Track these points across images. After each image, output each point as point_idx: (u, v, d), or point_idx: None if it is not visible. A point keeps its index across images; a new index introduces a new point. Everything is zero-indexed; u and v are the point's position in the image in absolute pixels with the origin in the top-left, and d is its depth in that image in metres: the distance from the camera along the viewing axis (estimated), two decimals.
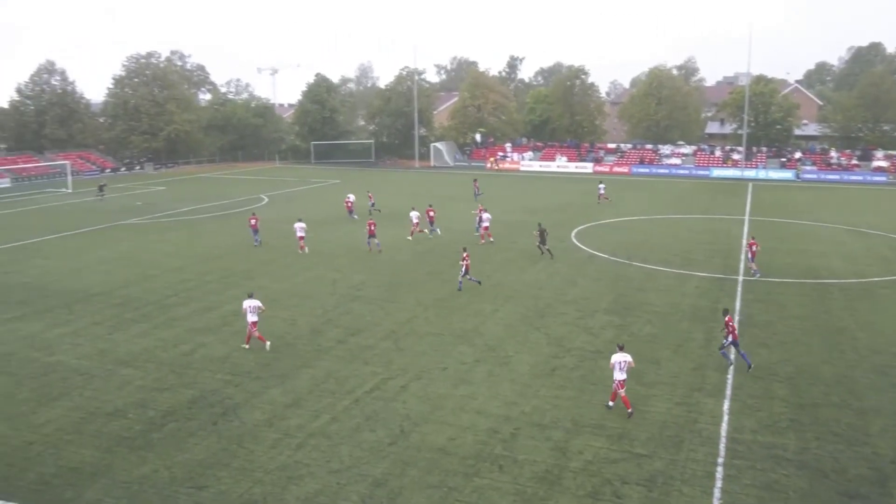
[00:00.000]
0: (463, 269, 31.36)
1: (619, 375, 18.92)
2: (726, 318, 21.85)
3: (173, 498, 15.29)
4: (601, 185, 62.25)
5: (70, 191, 72.26)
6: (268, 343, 24.05)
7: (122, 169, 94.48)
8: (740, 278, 33.52)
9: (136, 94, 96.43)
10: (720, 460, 16.70)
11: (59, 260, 38.73)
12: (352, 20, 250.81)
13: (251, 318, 23.86)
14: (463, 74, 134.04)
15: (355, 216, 51.03)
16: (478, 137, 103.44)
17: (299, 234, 39.84)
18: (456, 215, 51.81)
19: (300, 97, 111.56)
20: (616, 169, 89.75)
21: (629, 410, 18.82)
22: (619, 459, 16.72)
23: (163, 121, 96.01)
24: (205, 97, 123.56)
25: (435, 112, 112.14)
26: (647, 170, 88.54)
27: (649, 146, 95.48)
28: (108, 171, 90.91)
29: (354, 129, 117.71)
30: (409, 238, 43.17)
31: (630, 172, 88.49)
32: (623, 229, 47.09)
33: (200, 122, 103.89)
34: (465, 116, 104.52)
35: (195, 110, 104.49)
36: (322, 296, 30.61)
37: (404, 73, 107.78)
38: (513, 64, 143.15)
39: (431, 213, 45.14)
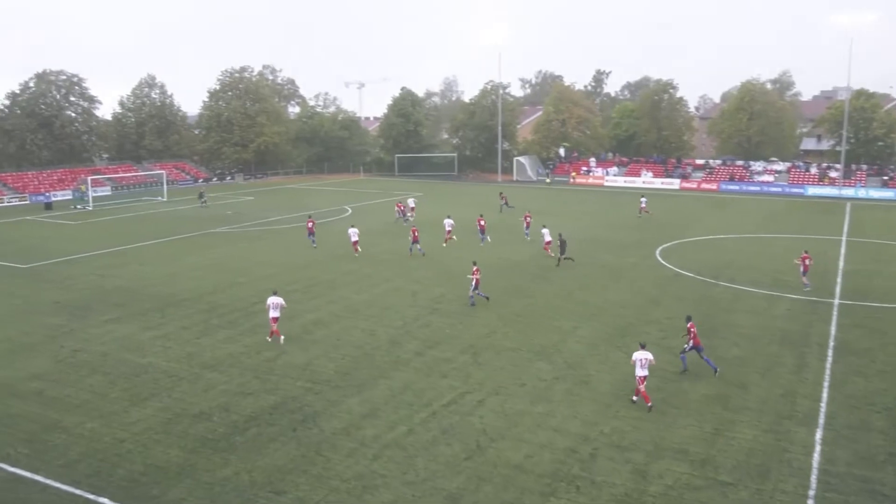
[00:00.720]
0: (473, 283, 31.33)
1: (641, 372, 20.24)
2: (688, 325, 22.83)
3: (253, 501, 15.64)
4: (643, 199, 62.16)
5: (165, 199, 75.46)
6: (282, 337, 26.02)
7: (214, 179, 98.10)
8: (836, 301, 32.00)
9: (229, 106, 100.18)
10: (811, 493, 15.92)
11: (153, 265, 40.46)
12: (438, 35, 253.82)
13: (273, 313, 25.96)
14: (548, 88, 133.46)
15: (409, 217, 55.79)
16: (561, 152, 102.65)
17: (353, 238, 42.76)
18: (537, 230, 51.43)
19: (385, 110, 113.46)
20: (704, 185, 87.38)
21: (648, 405, 20.14)
22: (701, 486, 16.15)
23: (253, 133, 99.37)
24: (294, 110, 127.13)
25: (519, 126, 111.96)
26: (736, 187, 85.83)
27: (740, 163, 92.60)
28: (200, 181, 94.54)
29: (438, 142, 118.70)
30: (444, 245, 44.99)
31: (719, 189, 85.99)
32: (710, 247, 45.76)
33: (289, 135, 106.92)
34: (549, 130, 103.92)
35: (284, 123, 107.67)
36: (402, 307, 30.90)
37: (489, 86, 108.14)
38: (599, 78, 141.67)
39: (482, 223, 46.87)
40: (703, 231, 52.36)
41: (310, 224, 46.03)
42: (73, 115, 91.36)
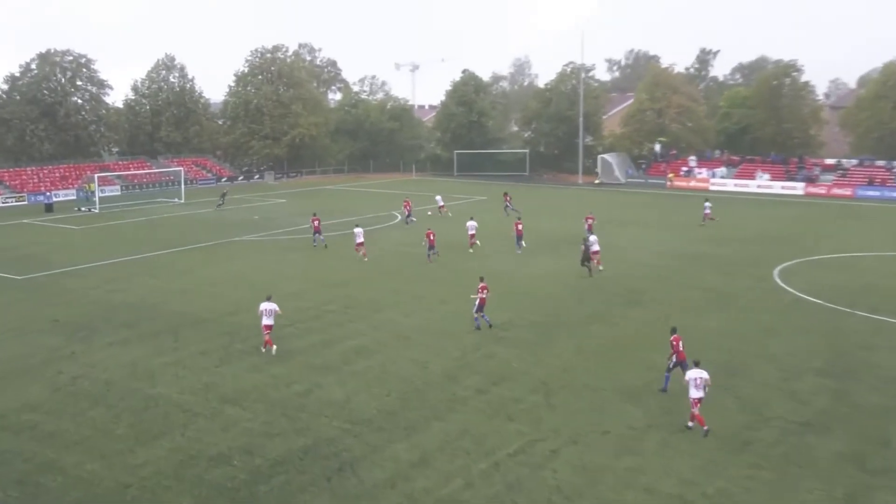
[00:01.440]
0: (476, 303, 31.41)
1: (696, 393, 21.38)
2: (672, 338, 24.25)
3: None
4: (707, 203, 61.94)
5: (182, 201, 77.42)
6: (274, 347, 27.81)
7: (241, 178, 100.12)
8: None
9: (259, 92, 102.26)
10: None
11: (166, 279, 41.41)
12: (508, 6, 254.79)
13: (266, 321, 27.91)
14: (640, 71, 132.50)
15: (413, 219, 60.18)
16: (657, 148, 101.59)
17: (358, 239, 45.52)
18: (630, 244, 51.08)
19: (443, 98, 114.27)
20: (835, 191, 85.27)
21: (704, 428, 21.23)
22: None
23: (287, 124, 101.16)
24: (335, 97, 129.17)
25: (605, 117, 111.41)
26: (877, 192, 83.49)
27: (881, 163, 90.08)
28: (224, 179, 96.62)
29: (506, 136, 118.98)
30: (471, 250, 47.45)
31: (854, 195, 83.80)
32: (843, 268, 44.56)
33: (328, 126, 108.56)
34: (642, 123, 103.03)
35: (323, 112, 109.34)
36: (460, 335, 30.87)
37: (569, 69, 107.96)
38: (703, 58, 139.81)
39: (519, 227, 48.59)
40: (835, 247, 51.05)
41: (315, 223, 49.98)
42: (80, 101, 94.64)
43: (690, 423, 21.72)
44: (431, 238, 45.26)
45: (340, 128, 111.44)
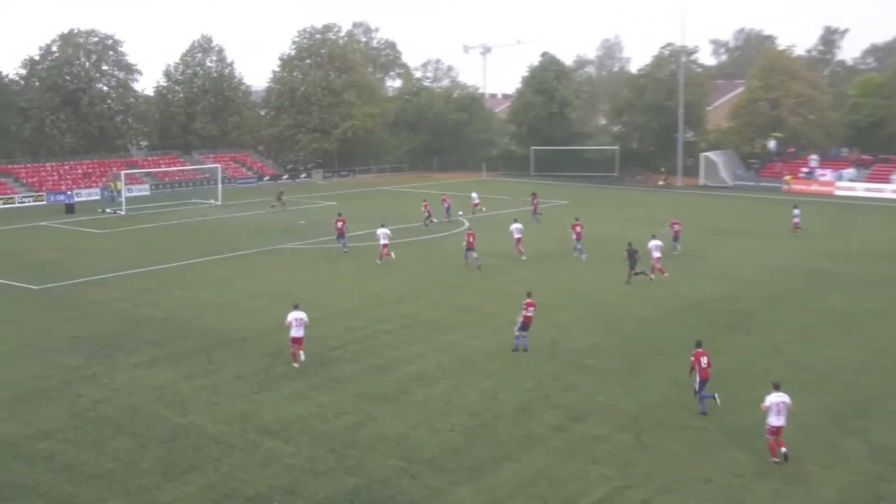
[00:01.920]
0: (519, 322, 31.59)
1: (777, 421, 22.06)
2: (694, 352, 25.80)
3: None
4: (795, 211, 61.32)
5: (219, 203, 78.73)
6: (301, 353, 29.59)
7: (285, 176, 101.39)
8: None
9: (307, 79, 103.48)
10: None
11: (200, 291, 42.17)
12: None
13: (296, 332, 29.38)
14: (752, 54, 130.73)
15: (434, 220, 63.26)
16: (771, 145, 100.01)
17: (382, 241, 47.93)
18: (738, 258, 50.73)
19: (519, 85, 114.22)
20: None
21: (783, 450, 22.02)
22: None
23: (338, 115, 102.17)
24: (393, 84, 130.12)
25: (709, 108, 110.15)
26: None
27: None
28: (266, 178, 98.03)
29: (592, 130, 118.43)
30: (523, 258, 49.20)
31: None
32: None
33: (386, 118, 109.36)
34: (754, 115, 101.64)
35: (380, 101, 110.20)
36: (536, 362, 30.79)
37: (667, 52, 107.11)
38: (829, 39, 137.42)
39: (578, 229, 50.60)
40: None
41: (339, 224, 51.73)
42: (106, 88, 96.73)
43: (776, 459, 22.09)
44: (471, 240, 47.02)
45: (400, 119, 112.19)
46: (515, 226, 50.96)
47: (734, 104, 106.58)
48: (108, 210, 73.85)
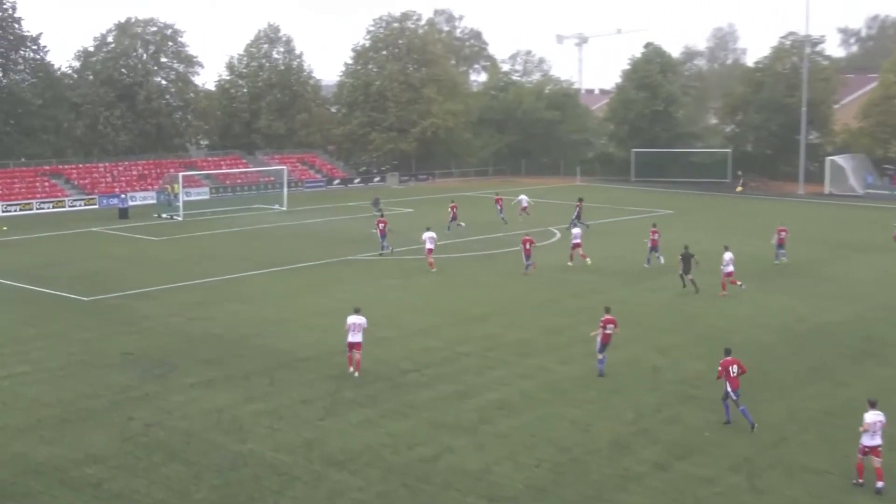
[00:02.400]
0: (598, 340, 32.08)
1: (871, 441, 22.55)
2: (722, 361, 26.76)
3: None
4: None
5: (285, 209, 79.63)
6: (356, 372, 30.93)
7: (357, 179, 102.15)
8: None
9: (383, 72, 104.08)
10: None
11: (261, 306, 42.69)
12: None
13: (353, 337, 30.91)
14: (887, 45, 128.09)
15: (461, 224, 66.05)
16: None
17: (428, 245, 50.31)
18: (869, 276, 49.91)
19: (619, 80, 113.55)
20: None
21: (879, 485, 22.28)
22: None
23: (417, 112, 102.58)
24: (478, 78, 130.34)
25: (837, 106, 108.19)
26: None
27: None
28: (336, 181, 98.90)
29: (701, 130, 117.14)
30: (589, 263, 50.65)
31: None
32: None
33: (469, 115, 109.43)
34: (889, 114, 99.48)
35: (463, 97, 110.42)
36: (635, 391, 30.51)
37: (788, 42, 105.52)
38: None
39: (655, 236, 51.80)
40: None
41: (381, 225, 55.84)
42: (164, 82, 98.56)
43: (861, 480, 22.74)
44: (528, 247, 49.06)
45: (485, 118, 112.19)
46: (575, 230, 54.65)
47: (866, 101, 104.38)
48: (164, 215, 75.16)
